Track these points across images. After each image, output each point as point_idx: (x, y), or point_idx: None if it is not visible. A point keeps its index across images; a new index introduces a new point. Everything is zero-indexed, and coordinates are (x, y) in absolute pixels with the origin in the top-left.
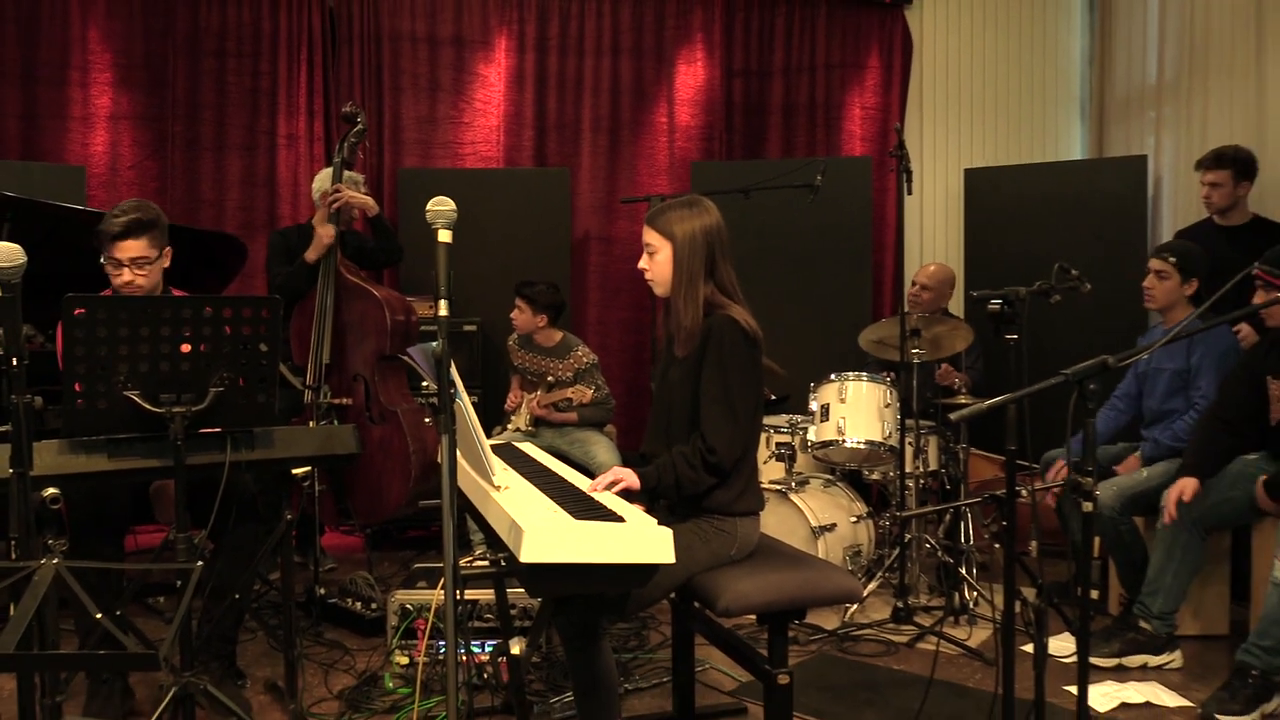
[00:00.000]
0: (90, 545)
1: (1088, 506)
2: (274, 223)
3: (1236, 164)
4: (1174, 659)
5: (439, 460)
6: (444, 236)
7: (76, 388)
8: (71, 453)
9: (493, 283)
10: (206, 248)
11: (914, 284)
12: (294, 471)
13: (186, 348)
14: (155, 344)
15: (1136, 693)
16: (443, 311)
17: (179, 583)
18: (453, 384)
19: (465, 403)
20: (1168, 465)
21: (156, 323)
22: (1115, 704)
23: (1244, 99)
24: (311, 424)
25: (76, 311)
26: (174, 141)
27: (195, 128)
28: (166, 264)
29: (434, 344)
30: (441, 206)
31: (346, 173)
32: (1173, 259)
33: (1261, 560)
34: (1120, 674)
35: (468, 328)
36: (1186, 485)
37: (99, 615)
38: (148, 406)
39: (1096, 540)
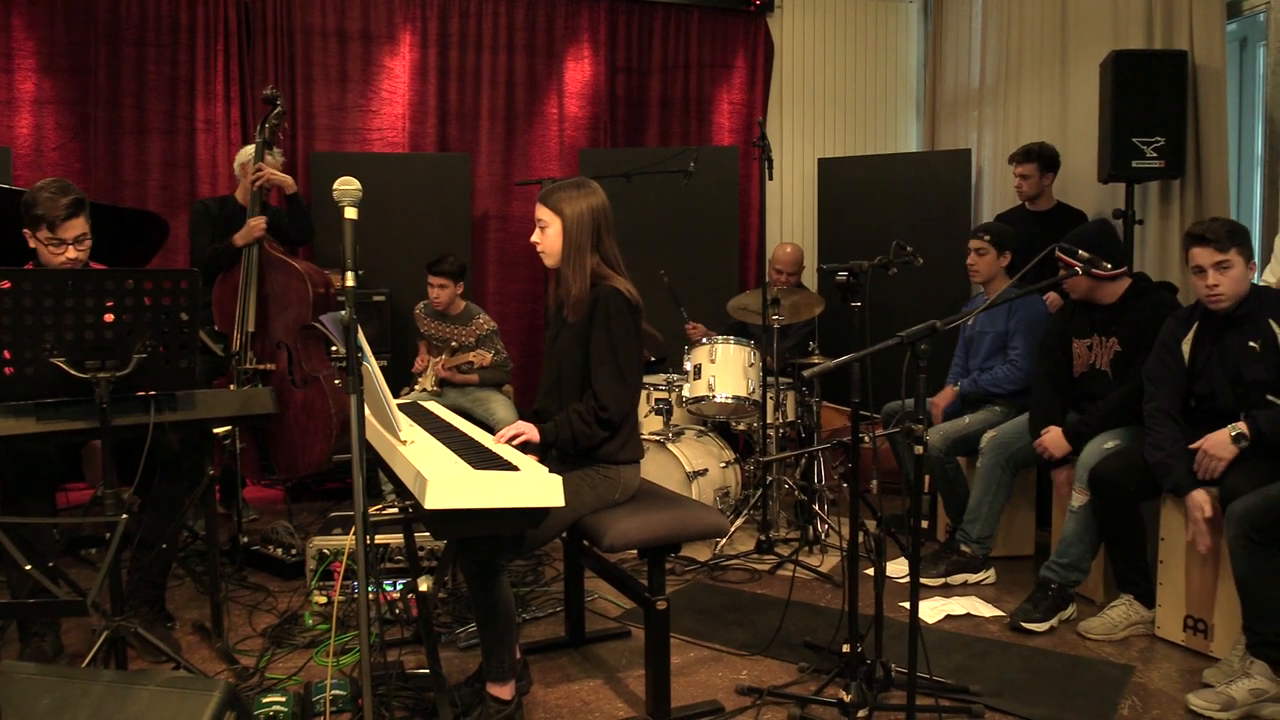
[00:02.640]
0: (21, 503)
1: (919, 450)
2: (194, 202)
3: (1042, 158)
4: (989, 576)
5: None
6: (350, 214)
7: (5, 355)
8: (1, 417)
9: (401, 257)
10: (130, 225)
11: (778, 271)
12: (215, 431)
13: (110, 317)
14: (80, 314)
15: (959, 605)
16: (349, 282)
17: (108, 535)
18: (360, 348)
19: (373, 365)
20: (986, 413)
21: (80, 294)
22: (942, 615)
23: (1051, 101)
24: (232, 387)
25: (3, 284)
26: (96, 125)
27: (117, 112)
28: (69, 236)
29: (343, 312)
30: (347, 186)
31: (268, 151)
32: (988, 237)
33: (1061, 492)
34: (946, 591)
35: (377, 298)
36: (1055, 437)
37: (28, 566)
38: (74, 372)
39: (927, 478)
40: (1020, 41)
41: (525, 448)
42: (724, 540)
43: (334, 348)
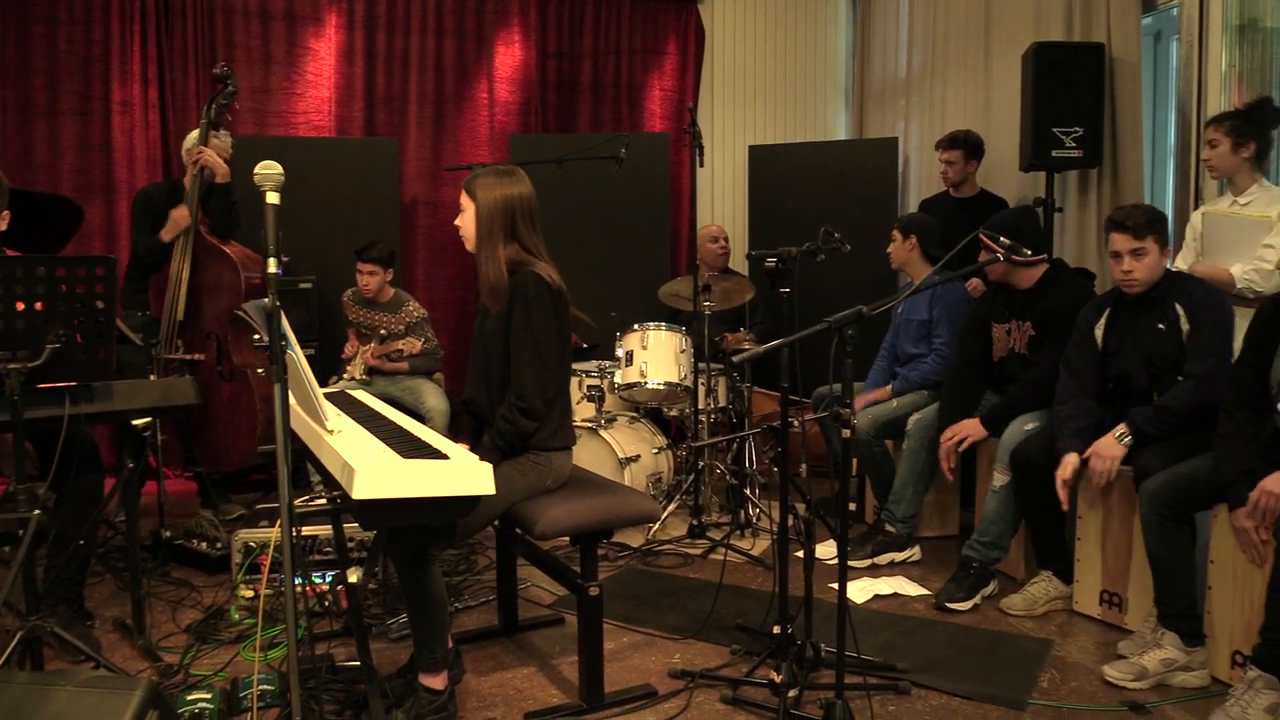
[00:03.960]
0: None
1: (846, 433)
2: (110, 186)
3: (967, 145)
4: (914, 553)
5: None
6: (272, 198)
7: None
8: None
9: (328, 243)
10: (42, 210)
11: (713, 239)
12: (134, 423)
13: (21, 305)
14: None
15: (887, 585)
16: (272, 269)
17: (20, 532)
18: (284, 336)
19: (298, 353)
20: (914, 397)
21: None
22: (869, 596)
23: (975, 91)
24: (152, 377)
25: None
26: (6, 106)
27: (28, 93)
28: (3, 226)
29: (266, 299)
30: (269, 170)
31: (215, 132)
32: (897, 226)
33: (984, 472)
34: (874, 571)
35: (303, 285)
36: (974, 425)
37: None
38: None
39: (855, 461)
40: (946, 32)
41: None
42: (656, 526)
43: (256, 335)
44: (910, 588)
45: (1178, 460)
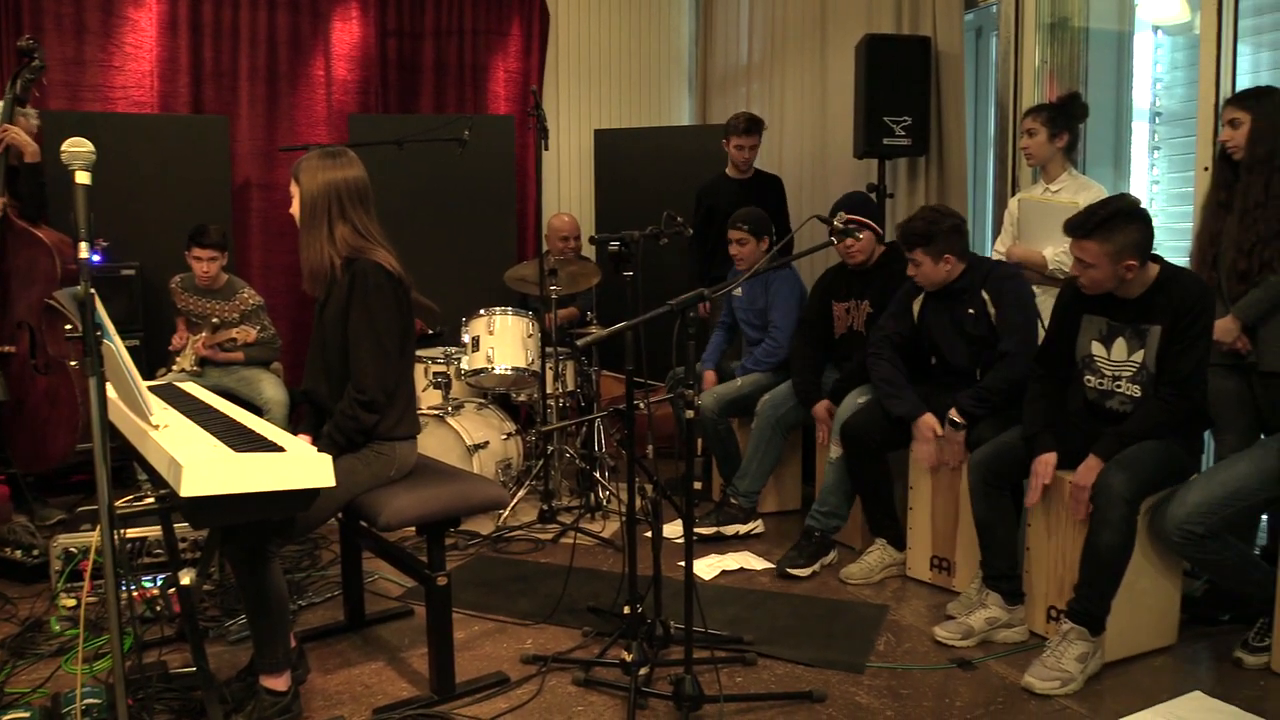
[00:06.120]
0: None
1: (690, 414)
2: None
3: (760, 128)
4: (757, 526)
5: None
6: (82, 178)
7: None
8: None
9: (153, 227)
10: None
11: (563, 239)
12: None
13: None
14: None
15: (733, 561)
16: (83, 253)
17: None
18: (100, 325)
19: (117, 343)
20: (760, 377)
21: None
22: (717, 572)
23: (813, 80)
24: None
25: None
26: None
27: None
28: None
29: (79, 286)
30: (78, 148)
31: (19, 109)
32: (746, 227)
33: (824, 447)
34: (720, 545)
35: (126, 272)
36: (819, 409)
37: None
38: None
39: (699, 441)
40: (784, 21)
41: None
42: (506, 512)
43: (69, 326)
44: (756, 562)
45: (1002, 430)
